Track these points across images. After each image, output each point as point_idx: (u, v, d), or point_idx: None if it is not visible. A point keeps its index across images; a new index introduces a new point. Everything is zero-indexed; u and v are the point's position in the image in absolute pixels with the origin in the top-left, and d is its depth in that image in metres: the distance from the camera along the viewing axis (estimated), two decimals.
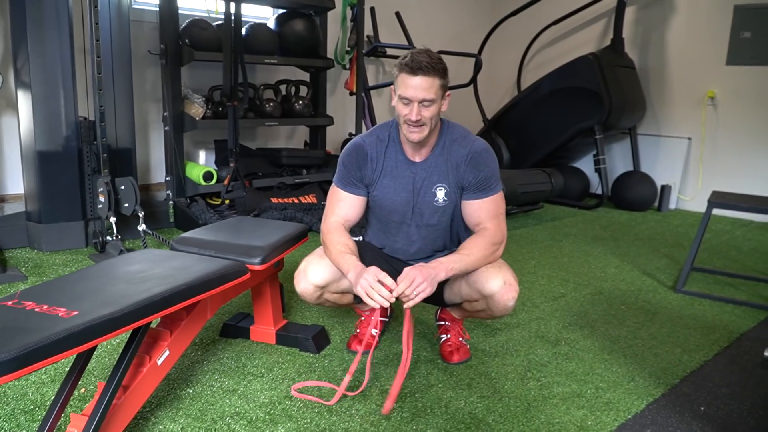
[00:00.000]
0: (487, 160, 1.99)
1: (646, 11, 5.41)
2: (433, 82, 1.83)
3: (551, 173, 4.65)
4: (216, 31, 3.91)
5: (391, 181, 2.03)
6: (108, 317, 1.31)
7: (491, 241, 1.96)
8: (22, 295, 1.40)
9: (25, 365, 1.13)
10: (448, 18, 6.28)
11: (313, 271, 1.98)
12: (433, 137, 2.00)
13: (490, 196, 1.99)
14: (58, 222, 3.34)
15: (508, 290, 1.94)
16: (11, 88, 3.44)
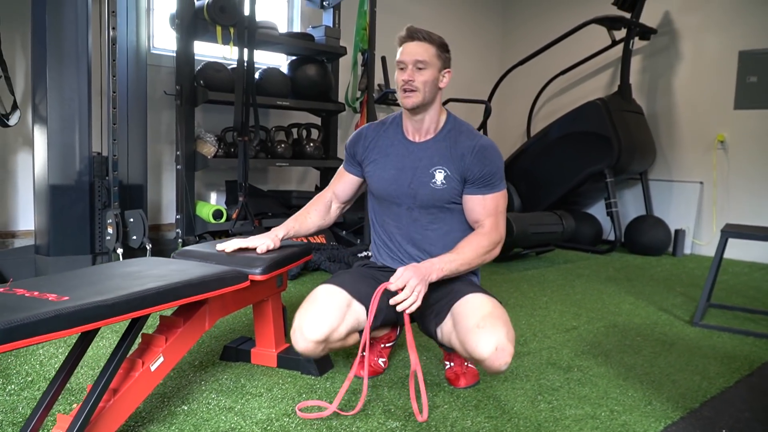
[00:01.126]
0: (493, 156, 1.98)
1: (652, 59, 5.49)
2: (429, 47, 1.91)
3: (562, 215, 4.61)
4: (230, 73, 4.01)
5: (383, 158, 2.06)
6: (99, 303, 1.28)
7: (488, 240, 1.93)
8: (14, 284, 1.38)
9: (8, 340, 1.10)
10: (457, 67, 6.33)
11: (309, 326, 1.82)
12: (437, 118, 2.01)
13: (492, 193, 1.97)
14: (65, 255, 3.33)
15: (500, 355, 1.74)
16: (28, 125, 3.51)
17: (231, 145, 4.13)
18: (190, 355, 2.31)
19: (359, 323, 1.90)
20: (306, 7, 4.96)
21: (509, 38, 6.75)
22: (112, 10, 3.28)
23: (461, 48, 6.44)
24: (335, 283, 1.93)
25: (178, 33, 3.77)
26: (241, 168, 3.78)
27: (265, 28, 4.11)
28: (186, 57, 3.82)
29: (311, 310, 1.85)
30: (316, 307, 1.85)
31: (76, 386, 1.98)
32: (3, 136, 3.64)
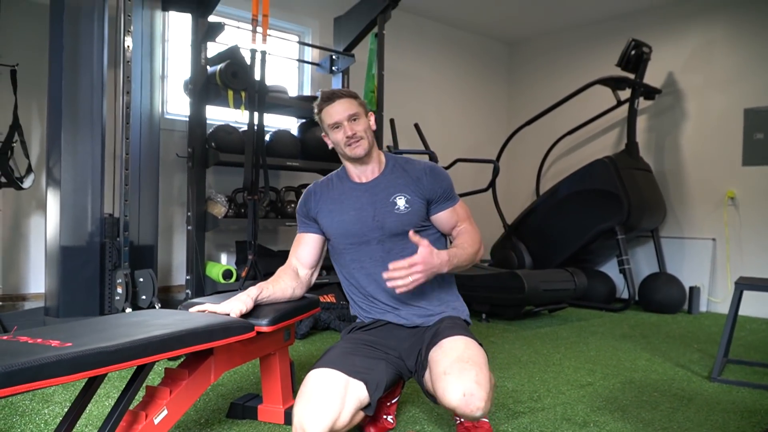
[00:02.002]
0: (443, 172, 2.12)
1: (658, 118, 5.56)
2: (352, 101, 2.02)
3: (574, 272, 4.57)
4: (241, 135, 4.09)
5: (337, 205, 2.09)
6: (102, 349, 1.27)
7: (476, 237, 2.07)
8: (17, 333, 1.37)
9: (8, 384, 1.09)
10: (465, 128, 6.51)
11: (310, 422, 1.66)
12: (378, 158, 2.11)
13: (455, 203, 2.11)
14: (75, 316, 3.32)
15: (470, 401, 1.65)
16: (42, 188, 3.58)
17: (241, 206, 4.17)
18: (196, 412, 2.27)
19: (361, 402, 1.77)
20: (316, 73, 5.11)
21: (515, 99, 6.89)
22: (127, 76, 3.39)
23: (468, 108, 6.59)
24: (328, 366, 1.80)
25: (191, 97, 3.87)
26: (250, 226, 3.80)
27: (276, 92, 4.22)
28: (198, 120, 3.91)
29: (309, 403, 1.69)
30: (313, 398, 1.70)
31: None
32: (17, 200, 3.71)
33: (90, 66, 3.33)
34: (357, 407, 1.77)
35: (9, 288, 3.71)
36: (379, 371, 1.85)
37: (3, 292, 3.60)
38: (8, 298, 3.70)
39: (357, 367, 1.82)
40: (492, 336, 3.87)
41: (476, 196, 5.55)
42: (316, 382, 1.75)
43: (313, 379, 1.76)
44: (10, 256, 3.73)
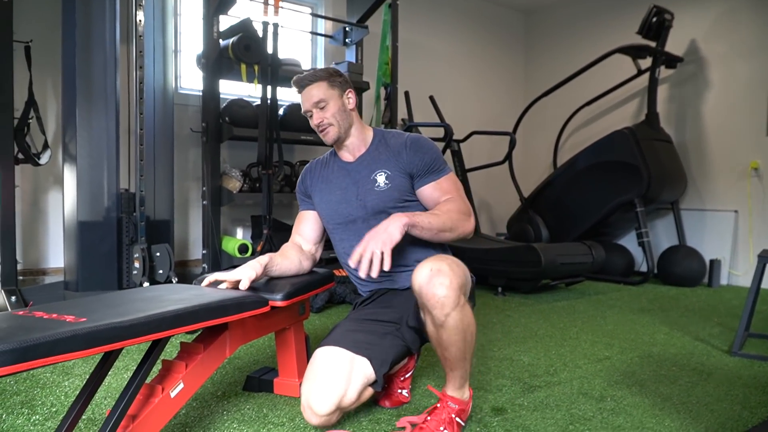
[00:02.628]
0: (427, 144, 2.01)
1: (680, 88, 5.43)
2: (319, 86, 1.96)
3: (592, 245, 4.52)
4: (254, 109, 4.07)
5: (326, 184, 2.10)
6: (116, 325, 1.27)
7: (459, 207, 1.93)
8: (33, 308, 1.38)
9: (23, 359, 1.09)
10: (481, 100, 6.43)
11: (316, 401, 1.72)
12: (361, 137, 2.06)
13: (441, 177, 1.99)
14: (94, 290, 3.36)
15: (434, 275, 1.65)
16: (59, 164, 3.59)
17: (256, 180, 4.16)
18: (212, 385, 2.29)
19: (368, 378, 1.78)
20: (329, 45, 5.05)
21: (532, 69, 6.78)
22: (139, 51, 3.38)
23: (484, 80, 6.50)
24: (332, 343, 1.83)
25: (204, 72, 3.85)
26: (265, 201, 3.80)
27: (289, 65, 4.18)
28: (212, 95, 3.89)
29: (315, 382, 1.74)
30: (319, 377, 1.75)
31: (99, 416, 1.96)
32: (35, 176, 3.73)
33: (103, 41, 3.31)
34: (364, 384, 1.78)
35: (29, 263, 3.76)
36: (384, 346, 1.85)
37: (23, 266, 3.64)
38: (29, 273, 3.75)
39: (361, 343, 1.82)
40: (508, 310, 3.86)
41: (492, 169, 5.51)
42: (322, 361, 1.79)
43: (319, 358, 1.81)
44: (30, 232, 3.77)
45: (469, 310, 1.75)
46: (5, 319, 1.27)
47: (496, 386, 2.32)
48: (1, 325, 1.21)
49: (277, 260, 1.98)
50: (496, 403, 2.14)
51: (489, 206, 6.53)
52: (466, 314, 1.72)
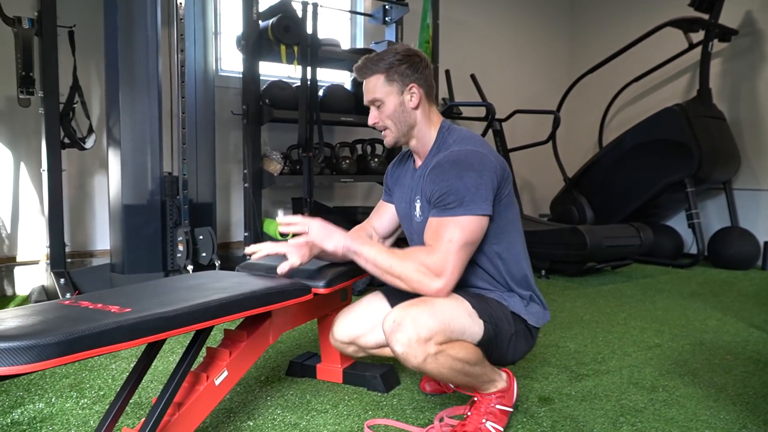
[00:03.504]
0: (448, 173, 1.60)
1: (734, 63, 5.20)
2: (375, 79, 1.71)
3: (639, 227, 4.39)
4: (294, 90, 4.04)
5: (399, 190, 1.93)
6: (162, 315, 1.26)
7: (425, 262, 1.57)
8: (79, 297, 1.38)
9: (70, 351, 1.09)
10: (524, 79, 6.28)
11: (339, 327, 1.92)
12: (425, 140, 1.77)
13: (444, 216, 1.59)
14: (139, 273, 3.40)
15: (394, 331, 1.53)
16: (104, 148, 3.64)
17: (296, 162, 4.15)
18: (255, 370, 2.29)
19: None
20: (369, 24, 4.98)
21: (578, 45, 6.58)
22: (180, 34, 3.37)
23: (527, 56, 6.34)
24: (382, 291, 1.95)
25: (243, 53, 3.83)
26: (306, 183, 3.79)
27: (328, 45, 4.13)
28: (252, 77, 3.88)
29: (347, 312, 1.94)
30: (353, 310, 1.93)
31: (146, 400, 1.98)
32: (81, 160, 3.78)
33: (144, 25, 3.31)
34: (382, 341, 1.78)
35: (77, 245, 3.83)
36: None
37: (71, 249, 3.71)
38: (76, 255, 3.82)
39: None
40: (552, 294, 3.78)
41: (535, 149, 5.38)
42: (365, 300, 1.95)
43: (366, 297, 1.96)
44: (77, 215, 3.83)
45: (454, 352, 1.56)
46: (52, 309, 1.27)
47: (542, 374, 2.27)
48: (48, 315, 1.21)
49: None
50: (542, 392, 2.09)
51: (532, 187, 6.41)
52: (446, 359, 1.54)
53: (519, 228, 1.80)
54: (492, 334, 1.66)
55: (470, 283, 1.77)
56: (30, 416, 1.85)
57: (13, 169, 3.62)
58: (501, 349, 1.71)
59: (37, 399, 1.99)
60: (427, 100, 1.76)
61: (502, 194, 1.68)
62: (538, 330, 1.82)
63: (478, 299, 1.68)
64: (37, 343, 1.06)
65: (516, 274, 1.76)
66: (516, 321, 1.73)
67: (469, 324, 1.61)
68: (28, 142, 3.62)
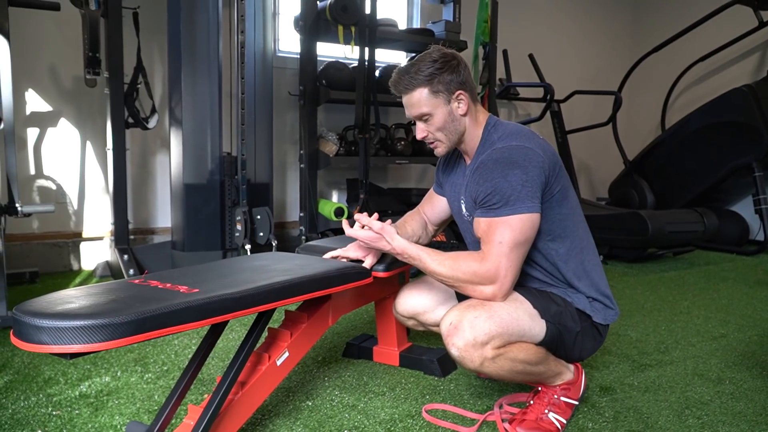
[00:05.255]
0: (492, 173, 1.56)
1: None
2: (420, 94, 1.63)
3: (703, 213, 4.23)
4: (351, 72, 4.03)
5: (450, 188, 1.87)
6: (228, 296, 1.29)
7: (477, 268, 1.53)
8: (148, 276, 1.42)
9: (141, 330, 1.12)
10: (584, 58, 6.11)
11: (402, 300, 1.96)
12: (474, 142, 1.71)
13: (491, 216, 1.55)
14: (199, 251, 3.48)
15: (451, 334, 1.52)
16: (165, 128, 3.72)
17: (352, 144, 4.15)
18: (313, 350, 2.32)
19: None
20: (426, 3, 4.91)
21: (641, 23, 6.35)
22: (241, 15, 3.39)
23: (588, 35, 6.16)
24: None
25: (301, 34, 3.84)
26: (361, 166, 3.79)
27: (386, 25, 4.10)
28: (309, 57, 3.89)
29: (413, 286, 1.96)
30: (417, 286, 1.95)
31: (208, 377, 2.03)
32: (143, 139, 3.88)
33: (206, 6, 3.35)
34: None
35: (139, 222, 3.94)
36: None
37: (134, 226, 3.83)
38: (139, 232, 3.94)
39: None
40: (611, 280, 3.69)
41: (595, 130, 5.25)
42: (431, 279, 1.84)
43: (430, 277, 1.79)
44: (139, 193, 3.94)
45: (515, 352, 1.54)
46: (123, 288, 1.31)
47: (602, 363, 2.23)
48: (120, 294, 1.24)
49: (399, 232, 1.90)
50: (603, 382, 2.05)
51: (589, 169, 6.26)
52: (504, 362, 1.53)
53: (578, 222, 1.74)
54: (556, 333, 1.63)
55: (529, 281, 1.74)
56: (97, 389, 1.93)
57: (79, 148, 3.74)
58: (567, 348, 1.68)
59: (104, 372, 2.06)
60: (473, 102, 1.70)
61: (553, 189, 1.62)
62: (607, 328, 1.77)
63: (540, 297, 1.65)
64: (111, 321, 1.10)
65: (577, 270, 1.70)
66: (582, 318, 1.68)
67: (530, 326, 1.58)
68: (94, 121, 3.73)
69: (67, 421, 1.70)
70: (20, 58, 3.48)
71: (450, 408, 1.82)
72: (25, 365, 2.11)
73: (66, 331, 1.07)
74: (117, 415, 1.74)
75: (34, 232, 3.64)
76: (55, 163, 3.66)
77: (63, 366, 2.10)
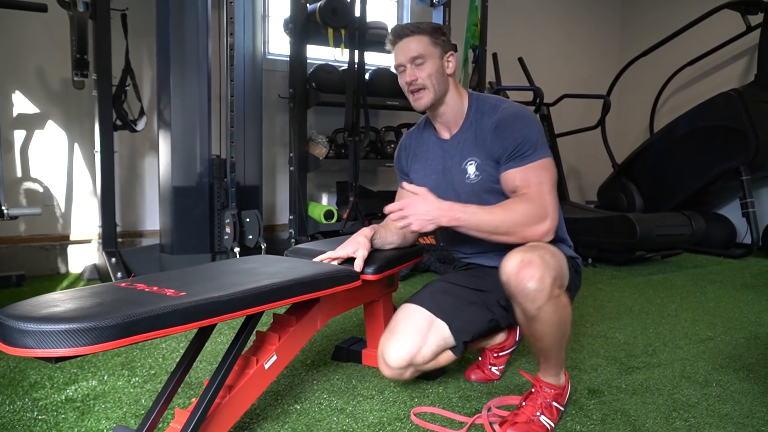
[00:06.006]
0: (514, 126, 1.72)
1: None
2: (420, 38, 1.75)
3: (691, 216, 4.26)
4: (341, 74, 4.04)
5: (422, 165, 1.95)
6: (215, 299, 1.28)
7: (527, 206, 1.64)
8: (135, 280, 1.41)
9: (127, 334, 1.11)
10: (573, 62, 6.14)
11: (390, 353, 1.75)
12: (457, 107, 1.82)
13: (525, 164, 1.70)
14: (188, 254, 3.47)
15: (524, 268, 1.53)
16: (154, 130, 3.70)
17: (342, 146, 4.15)
18: (301, 353, 2.32)
19: (445, 340, 1.77)
20: (416, 6, 4.92)
21: (630, 27, 6.39)
22: (230, 17, 3.39)
23: (577, 39, 6.20)
24: (415, 302, 1.84)
25: (291, 37, 3.84)
26: (351, 168, 3.79)
27: (376, 28, 4.11)
28: (299, 60, 3.89)
29: (391, 336, 1.78)
30: (396, 331, 1.78)
31: (195, 381, 2.02)
32: (132, 141, 3.86)
33: (195, 8, 3.34)
34: (440, 345, 1.78)
35: (127, 225, 3.92)
36: (469, 314, 1.82)
37: (122, 229, 3.80)
38: (126, 235, 3.92)
39: (444, 307, 1.81)
40: (599, 282, 3.71)
41: (584, 134, 5.28)
42: (402, 317, 1.81)
43: (400, 314, 1.83)
44: (128, 195, 3.92)
45: (566, 300, 1.63)
46: (110, 291, 1.30)
47: (590, 366, 2.23)
48: (106, 297, 1.23)
49: (381, 232, 1.93)
50: (591, 384, 2.05)
51: (579, 173, 6.29)
52: (560, 306, 1.59)
53: None
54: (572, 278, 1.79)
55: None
56: (84, 393, 1.91)
57: (67, 150, 3.71)
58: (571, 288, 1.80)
59: (91, 376, 2.04)
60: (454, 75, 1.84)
61: None
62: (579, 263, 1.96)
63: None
64: (96, 325, 1.09)
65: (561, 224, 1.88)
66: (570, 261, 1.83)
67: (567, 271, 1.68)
68: (82, 123, 3.71)
69: (53, 425, 1.69)
70: (7, 60, 3.45)
71: (438, 411, 1.82)
72: (10, 369, 2.09)
73: (51, 334, 1.06)
74: (103, 419, 1.73)
75: (21, 235, 3.61)
76: (42, 165, 3.64)
77: (49, 370, 2.09)
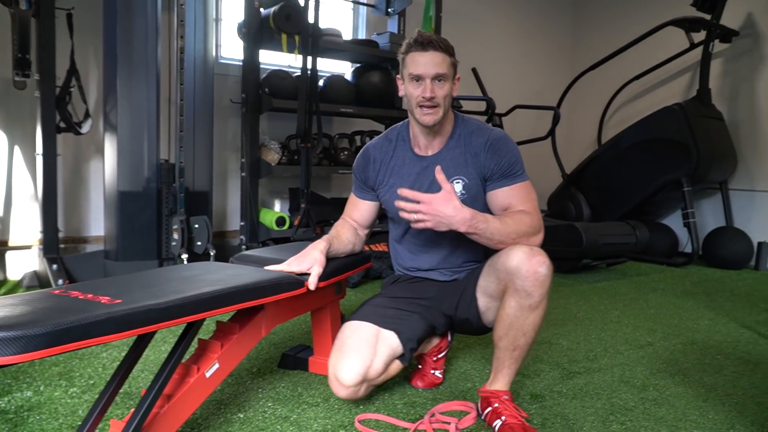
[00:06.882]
0: (507, 146, 1.85)
1: (734, 63, 5.18)
2: (444, 57, 1.79)
3: (635, 225, 4.39)
4: (294, 80, 4.02)
5: (397, 180, 1.95)
6: (152, 307, 1.26)
7: (530, 219, 1.77)
8: (69, 287, 1.37)
9: (58, 343, 1.08)
10: (526, 73, 6.26)
11: (342, 372, 1.75)
12: (447, 126, 1.91)
13: (517, 182, 1.84)
14: (133, 260, 3.39)
15: (535, 255, 1.65)
16: (100, 133, 3.61)
17: (295, 153, 4.14)
18: (247, 361, 2.29)
19: (393, 350, 1.83)
20: (371, 15, 4.95)
21: (580, 42, 6.56)
22: (180, 20, 3.34)
23: (530, 52, 6.32)
24: (358, 318, 1.88)
25: (244, 41, 3.81)
26: (303, 174, 3.78)
27: (330, 35, 4.11)
28: (252, 65, 3.86)
29: (341, 354, 1.79)
30: (345, 348, 1.80)
31: (135, 390, 1.98)
32: (76, 145, 3.76)
33: (144, 9, 3.28)
34: (389, 355, 1.81)
35: (70, 230, 3.81)
36: (412, 322, 1.88)
37: (65, 234, 3.70)
38: (70, 241, 3.81)
39: (388, 318, 1.86)
40: None
41: (534, 144, 5.38)
42: (349, 333, 1.84)
43: (346, 331, 1.86)
44: (71, 200, 3.81)
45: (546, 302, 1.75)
46: (41, 298, 1.26)
47: (534, 371, 2.28)
48: (37, 305, 1.20)
49: (334, 245, 1.92)
50: (534, 389, 2.09)
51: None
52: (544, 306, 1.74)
53: None
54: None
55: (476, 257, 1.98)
56: (17, 404, 1.85)
57: (7, 153, 3.59)
58: None
59: (26, 387, 1.98)
60: None
61: None
62: None
63: None
64: (25, 333, 1.06)
65: None
66: None
67: None
68: (23, 125, 3.59)
69: None
70: None
71: (382, 417, 1.82)
72: None
73: None
74: (38, 431, 1.68)
75: None
76: None
77: None
